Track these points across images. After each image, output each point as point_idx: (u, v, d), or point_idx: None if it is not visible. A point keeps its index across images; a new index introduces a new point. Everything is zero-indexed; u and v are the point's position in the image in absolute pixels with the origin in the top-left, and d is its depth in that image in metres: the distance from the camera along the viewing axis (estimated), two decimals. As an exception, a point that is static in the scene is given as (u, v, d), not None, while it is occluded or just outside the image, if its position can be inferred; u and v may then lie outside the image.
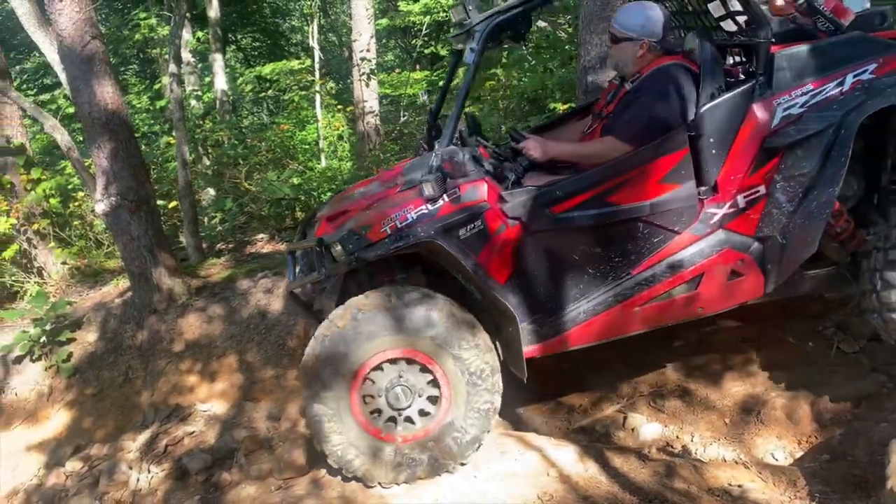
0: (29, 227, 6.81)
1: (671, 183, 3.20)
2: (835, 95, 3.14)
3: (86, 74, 5.06)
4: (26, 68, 16.79)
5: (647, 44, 3.41)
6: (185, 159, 6.63)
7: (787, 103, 3.14)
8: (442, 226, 3.16)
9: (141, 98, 11.95)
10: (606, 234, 3.28)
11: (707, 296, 3.31)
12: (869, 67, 3.16)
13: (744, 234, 3.25)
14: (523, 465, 3.23)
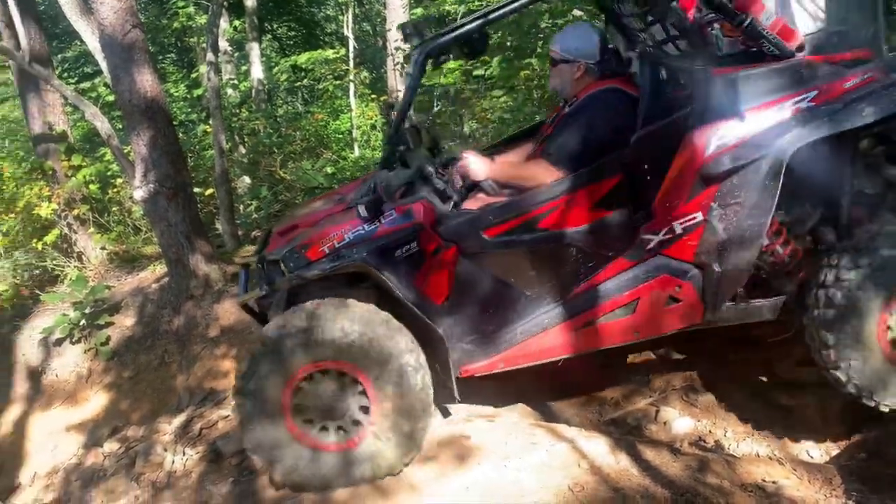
0: (69, 213, 6.96)
1: (603, 209, 3.20)
2: (772, 124, 3.01)
3: (126, 63, 5.14)
4: (67, 57, 17.10)
5: (583, 66, 3.43)
6: (221, 147, 6.72)
7: (723, 131, 3.02)
8: (377, 246, 3.20)
9: (178, 87, 12.12)
10: (540, 258, 3.29)
11: (644, 320, 3.29)
12: (809, 95, 3.02)
13: (682, 260, 3.20)
14: (554, 456, 3.22)
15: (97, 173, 7.38)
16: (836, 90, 3.01)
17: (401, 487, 3.20)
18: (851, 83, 3.02)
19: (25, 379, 5.93)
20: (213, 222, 7.86)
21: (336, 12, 18.23)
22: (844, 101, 2.97)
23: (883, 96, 2.95)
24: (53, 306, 6.24)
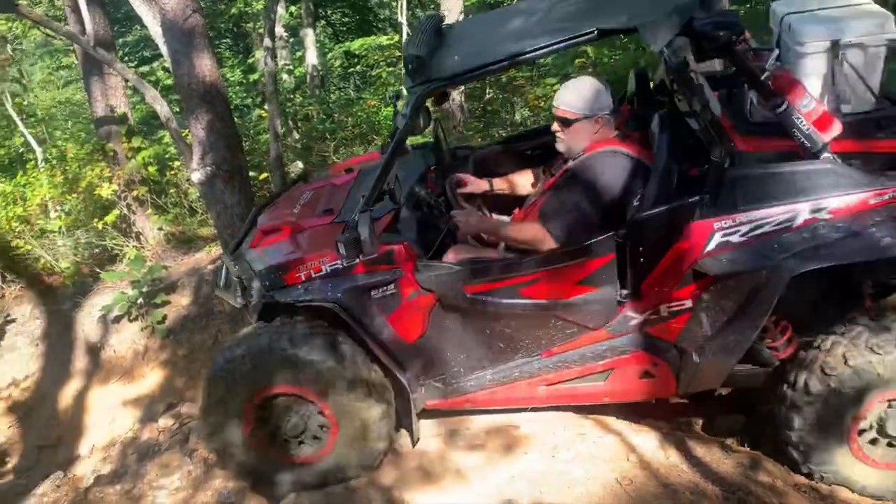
0: (129, 194, 7.15)
1: (590, 286, 3.09)
2: (780, 231, 2.76)
3: (186, 47, 5.22)
4: (128, 41, 17.51)
5: (601, 118, 3.24)
6: (277, 132, 6.80)
7: (728, 228, 2.80)
8: (353, 285, 3.19)
9: (234, 71, 12.31)
10: (519, 319, 3.23)
11: (615, 389, 3.25)
12: (829, 205, 2.72)
13: (663, 339, 3.09)
14: (602, 449, 3.20)
15: (156, 155, 7.55)
16: (860, 206, 2.71)
17: (447, 472, 3.22)
18: (878, 200, 2.71)
19: (85, 354, 6.14)
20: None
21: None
22: (863, 225, 2.69)
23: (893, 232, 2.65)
24: (112, 284, 6.43)
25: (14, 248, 7.17)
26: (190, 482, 4.13)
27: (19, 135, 11.74)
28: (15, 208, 7.39)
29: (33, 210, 7.44)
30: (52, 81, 21.23)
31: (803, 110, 2.73)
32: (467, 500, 3.04)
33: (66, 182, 7.29)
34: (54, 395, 5.97)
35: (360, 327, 3.22)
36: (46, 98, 17.57)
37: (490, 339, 3.30)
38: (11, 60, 12.63)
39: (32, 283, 7.04)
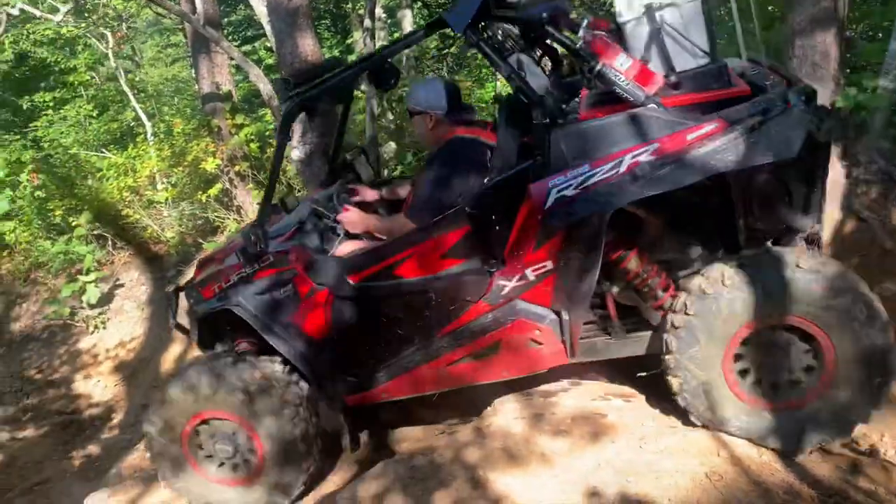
0: (231, 169, 7.43)
1: (454, 258, 3.29)
2: (608, 178, 2.92)
3: (290, 27, 5.37)
4: (232, 21, 18.11)
5: (434, 116, 3.55)
6: (373, 112, 6.91)
7: (562, 184, 2.96)
8: (257, 289, 3.52)
9: (333, 52, 12.53)
10: (403, 302, 3.44)
11: (508, 361, 3.39)
12: (649, 148, 2.89)
13: (539, 305, 3.25)
14: (692, 442, 3.13)
15: (257, 132, 7.80)
16: (677, 143, 2.88)
17: (532, 456, 3.22)
18: (694, 135, 2.88)
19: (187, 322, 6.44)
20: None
21: (487, -21, 18.11)
22: (677, 158, 2.87)
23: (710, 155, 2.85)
24: (214, 255, 6.70)
25: (124, 216, 7.60)
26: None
27: (131, 109, 12.38)
28: (126, 179, 7.83)
29: (142, 181, 7.85)
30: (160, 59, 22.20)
31: (621, 68, 2.95)
32: (551, 484, 3.03)
33: (173, 155, 7.64)
34: (158, 357, 6.31)
35: (267, 330, 3.55)
36: (155, 75, 18.42)
37: (387, 329, 3.52)
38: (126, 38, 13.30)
39: (140, 250, 7.45)
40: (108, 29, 11.39)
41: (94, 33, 11.56)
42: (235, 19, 18.31)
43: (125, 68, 12.14)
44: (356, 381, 3.64)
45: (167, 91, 16.94)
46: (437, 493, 3.05)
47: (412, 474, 3.22)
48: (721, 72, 3.06)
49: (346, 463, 4.07)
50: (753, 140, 2.82)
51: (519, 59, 3.31)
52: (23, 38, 15.80)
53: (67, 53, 16.14)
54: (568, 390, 3.73)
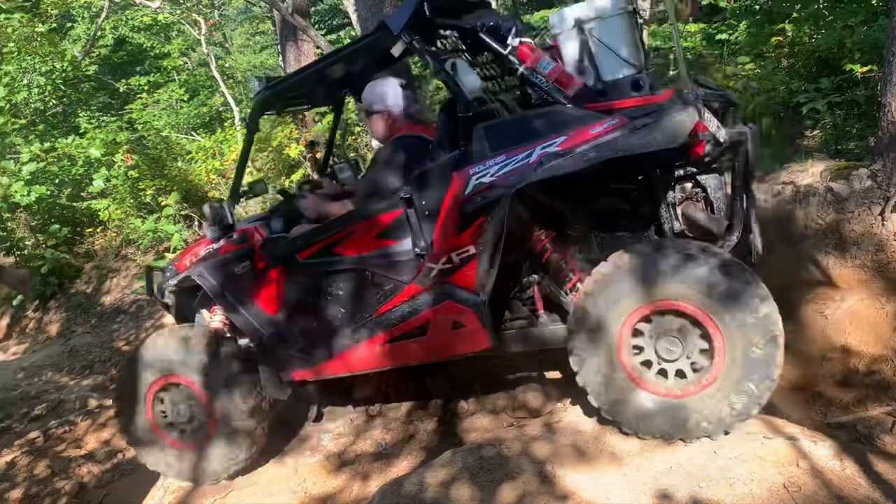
0: (313, 155, 7.57)
1: (388, 239, 3.51)
2: (520, 168, 3.15)
3: (376, 17, 5.44)
4: (318, 10, 18.45)
5: (392, 114, 3.80)
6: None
7: (481, 172, 3.21)
8: (220, 261, 3.83)
9: (416, 41, 12.57)
10: (345, 279, 3.68)
11: (437, 342, 3.54)
12: (557, 140, 3.13)
13: (466, 288, 3.40)
14: (770, 451, 3.03)
15: (339, 120, 7.93)
16: (583, 137, 3.09)
17: (602, 454, 3.19)
18: (598, 130, 3.09)
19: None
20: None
21: (573, -30, 17.87)
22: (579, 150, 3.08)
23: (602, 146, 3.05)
24: (294, 238, 6.86)
25: (210, 198, 7.86)
26: (352, 429, 4.39)
27: (220, 94, 12.78)
28: (213, 162, 8.10)
29: (228, 165, 8.10)
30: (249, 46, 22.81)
31: (544, 71, 3.29)
32: (620, 484, 2.99)
33: (259, 141, 7.85)
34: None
35: (225, 302, 3.86)
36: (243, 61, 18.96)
37: (332, 305, 3.73)
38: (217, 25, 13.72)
39: (224, 232, 7.68)
40: (202, 16, 11.78)
41: (188, 20, 11.98)
42: (322, 8, 18.65)
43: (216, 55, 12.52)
44: (301, 356, 3.85)
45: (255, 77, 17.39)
46: (504, 484, 3.05)
47: (480, 464, 3.23)
48: (642, 81, 3.28)
49: (413, 448, 4.12)
50: (641, 133, 3.03)
51: (454, 62, 3.54)
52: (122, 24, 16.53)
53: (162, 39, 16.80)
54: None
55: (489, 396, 4.36)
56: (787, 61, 7.14)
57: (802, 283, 4.55)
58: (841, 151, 5.70)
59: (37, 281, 8.68)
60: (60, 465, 4.85)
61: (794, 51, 7.06)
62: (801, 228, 4.69)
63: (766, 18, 7.89)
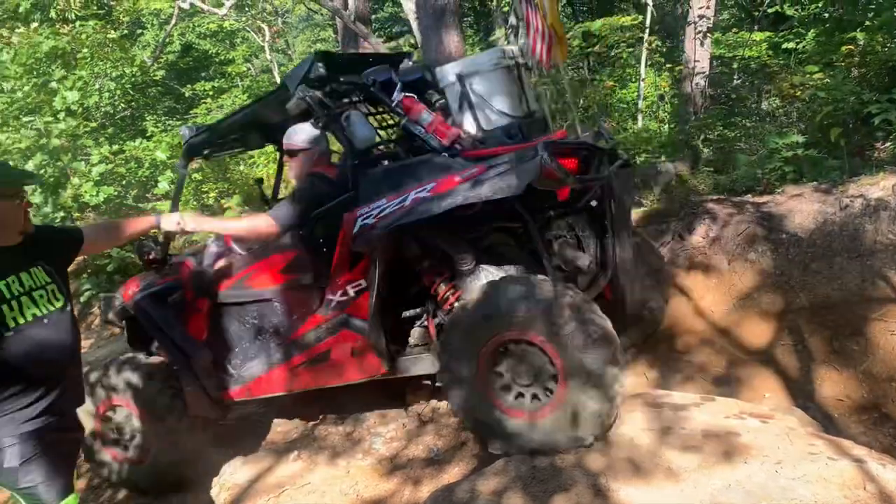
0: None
1: (290, 273, 3.95)
2: (396, 211, 3.45)
3: (436, 24, 5.48)
4: (379, 17, 18.67)
5: (308, 156, 4.09)
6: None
7: (366, 214, 3.53)
8: (155, 292, 4.12)
9: (473, 50, 12.63)
10: (259, 309, 4.08)
11: (337, 369, 3.90)
12: (428, 187, 3.42)
13: (361, 318, 3.72)
14: (835, 472, 2.92)
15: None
16: (449, 184, 3.38)
17: (658, 469, 3.12)
18: (459, 178, 3.38)
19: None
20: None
21: (635, -22, 17.71)
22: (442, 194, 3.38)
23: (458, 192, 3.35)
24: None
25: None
26: (404, 434, 4.40)
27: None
28: (274, 166, 8.23)
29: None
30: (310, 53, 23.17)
31: (423, 123, 3.66)
32: (676, 500, 2.92)
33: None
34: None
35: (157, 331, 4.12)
36: (305, 68, 19.20)
37: (250, 332, 4.13)
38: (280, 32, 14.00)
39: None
40: (266, 23, 12.03)
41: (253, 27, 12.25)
42: (382, 16, 18.88)
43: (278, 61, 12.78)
44: (228, 378, 4.15)
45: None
46: (557, 495, 3.02)
47: (533, 474, 3.20)
48: (513, 129, 3.77)
49: (465, 455, 4.11)
50: (492, 182, 3.32)
51: (350, 113, 3.95)
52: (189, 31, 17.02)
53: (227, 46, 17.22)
54: (700, 405, 3.59)
55: (542, 406, 4.33)
56: (858, 71, 6.92)
57: (870, 299, 4.39)
58: (914, 164, 5.50)
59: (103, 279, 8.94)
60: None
61: (866, 60, 6.83)
62: (870, 243, 4.53)
63: (836, 26, 7.67)
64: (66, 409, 2.83)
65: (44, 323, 2.72)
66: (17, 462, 2.60)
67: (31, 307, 2.69)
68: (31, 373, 2.67)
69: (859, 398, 4.02)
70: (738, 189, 5.92)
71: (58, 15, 11.42)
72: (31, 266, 2.78)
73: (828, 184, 5.14)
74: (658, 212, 5.64)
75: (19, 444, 2.61)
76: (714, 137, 7.67)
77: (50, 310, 2.75)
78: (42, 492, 2.64)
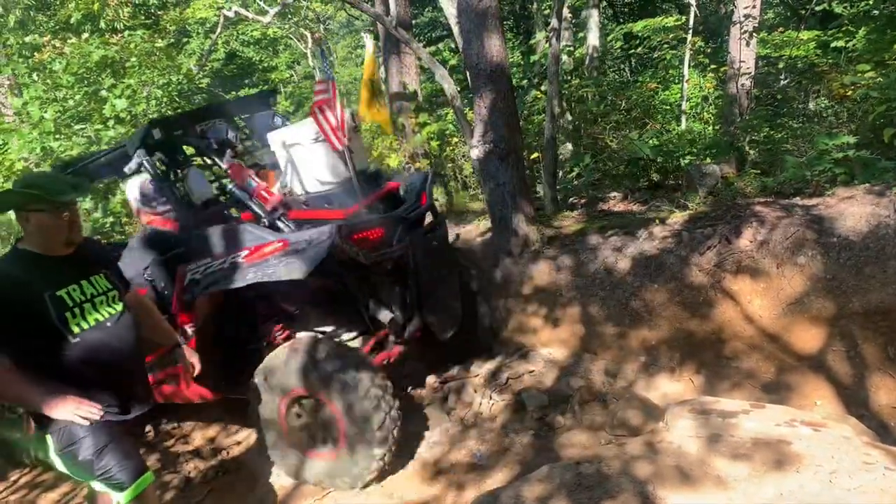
0: (412, 165, 7.69)
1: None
2: (217, 272, 4.01)
3: (478, 28, 5.47)
4: (418, 23, 18.75)
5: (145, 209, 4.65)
6: (553, 113, 6.87)
7: (193, 271, 4.12)
8: None
9: (514, 53, 12.59)
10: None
11: (181, 389, 4.49)
12: (243, 253, 3.97)
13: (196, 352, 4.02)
14: (892, 483, 2.82)
15: (438, 131, 8.02)
16: (258, 254, 3.92)
17: (707, 478, 3.06)
18: (268, 249, 3.91)
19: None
20: (534, 186, 8.12)
21: (677, -22, 17.51)
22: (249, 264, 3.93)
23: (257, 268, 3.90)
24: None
25: None
26: (447, 438, 4.41)
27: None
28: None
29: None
30: (351, 59, 23.40)
31: (249, 189, 4.24)
32: (726, 509, 2.87)
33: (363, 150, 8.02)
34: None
35: None
36: (345, 74, 19.43)
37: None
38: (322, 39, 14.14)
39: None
40: (308, 30, 12.18)
41: (296, 34, 12.41)
42: (422, 21, 18.95)
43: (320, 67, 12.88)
44: None
45: (356, 89, 17.84)
46: (604, 503, 2.98)
47: (578, 481, 3.17)
48: (331, 198, 4.38)
49: (509, 461, 4.09)
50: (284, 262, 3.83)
51: (188, 171, 4.47)
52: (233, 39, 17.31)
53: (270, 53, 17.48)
54: (749, 412, 3.52)
55: (587, 412, 4.29)
56: (913, 70, 6.71)
57: (927, 305, 4.25)
58: (972, 165, 5.31)
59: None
60: (169, 460, 5.09)
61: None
62: (926, 247, 4.38)
63: (889, 23, 7.46)
64: (131, 405, 3.06)
65: (106, 326, 2.93)
66: (91, 453, 2.87)
67: (92, 313, 2.90)
68: (96, 372, 2.89)
69: (916, 406, 3.91)
70: (786, 191, 5.78)
71: (107, 25, 11.72)
72: (93, 274, 2.99)
73: (881, 186, 4.99)
74: (704, 214, 5.55)
75: (91, 436, 2.86)
76: (760, 139, 7.51)
77: (111, 313, 2.97)
78: (116, 473, 2.90)
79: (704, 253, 5.10)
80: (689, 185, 6.54)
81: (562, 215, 6.72)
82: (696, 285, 5.00)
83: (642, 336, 5.04)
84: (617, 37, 12.80)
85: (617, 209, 6.87)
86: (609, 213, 6.74)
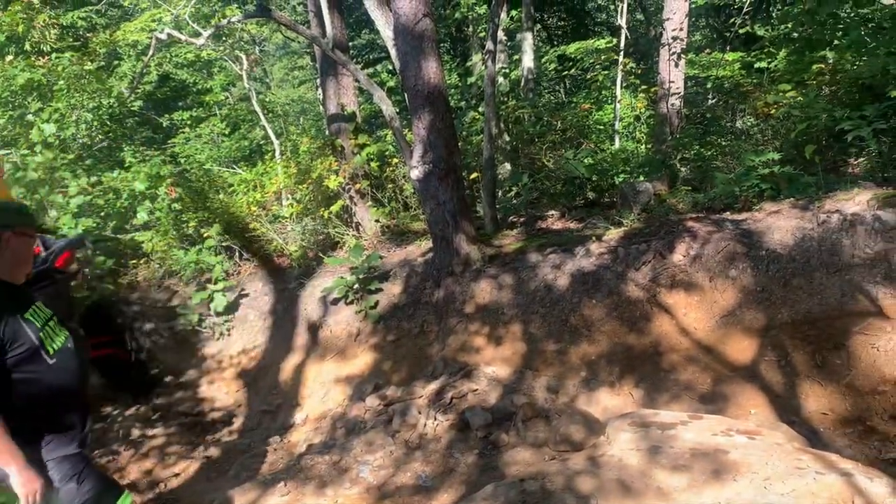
0: (352, 187, 7.66)
1: None
2: None
3: (415, 50, 5.51)
4: (356, 45, 18.75)
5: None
6: (491, 134, 6.95)
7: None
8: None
9: (451, 75, 12.71)
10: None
11: None
12: None
13: None
14: (823, 487, 2.93)
15: (378, 152, 8.02)
16: None
17: (648, 489, 3.11)
18: None
19: (305, 331, 6.69)
20: (474, 205, 8.18)
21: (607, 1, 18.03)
22: None
23: None
24: (333, 269, 6.93)
25: (251, 230, 7.98)
26: (391, 461, 4.36)
27: (260, 128, 13.01)
28: (254, 194, 8.22)
29: (269, 197, 8.22)
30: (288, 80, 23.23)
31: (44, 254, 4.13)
32: (667, 519, 2.92)
33: (299, 173, 7.95)
34: (277, 366, 6.55)
35: None
36: (282, 96, 19.27)
37: None
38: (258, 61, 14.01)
39: (265, 262, 7.78)
40: (243, 52, 12.05)
41: (230, 56, 12.27)
42: (359, 43, 18.96)
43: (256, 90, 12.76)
44: None
45: (293, 111, 17.71)
46: (548, 519, 3.00)
47: (523, 498, 3.18)
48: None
49: (454, 481, 4.07)
50: None
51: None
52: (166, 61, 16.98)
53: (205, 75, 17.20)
54: (687, 423, 3.60)
55: (530, 429, 4.31)
56: (829, 89, 7.05)
57: (851, 313, 4.43)
58: (888, 179, 5.58)
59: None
60: (104, 495, 4.89)
61: (836, 78, 6.96)
62: (848, 258, 4.59)
63: (807, 46, 7.82)
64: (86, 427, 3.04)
65: (67, 348, 2.94)
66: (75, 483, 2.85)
67: (54, 337, 2.88)
68: (67, 397, 2.89)
69: (843, 411, 4.05)
70: (717, 207, 5.99)
71: (33, 47, 11.36)
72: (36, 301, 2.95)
73: (804, 200, 5.21)
74: (638, 231, 5.69)
75: (69, 464, 2.85)
76: (691, 156, 7.77)
77: (64, 338, 2.96)
78: (103, 495, 2.93)
79: (640, 268, 5.23)
80: (623, 202, 6.69)
81: (502, 234, 6.79)
82: (632, 300, 5.11)
83: (582, 351, 5.12)
84: (551, 59, 13.05)
85: (555, 227, 6.98)
86: (547, 231, 6.85)
